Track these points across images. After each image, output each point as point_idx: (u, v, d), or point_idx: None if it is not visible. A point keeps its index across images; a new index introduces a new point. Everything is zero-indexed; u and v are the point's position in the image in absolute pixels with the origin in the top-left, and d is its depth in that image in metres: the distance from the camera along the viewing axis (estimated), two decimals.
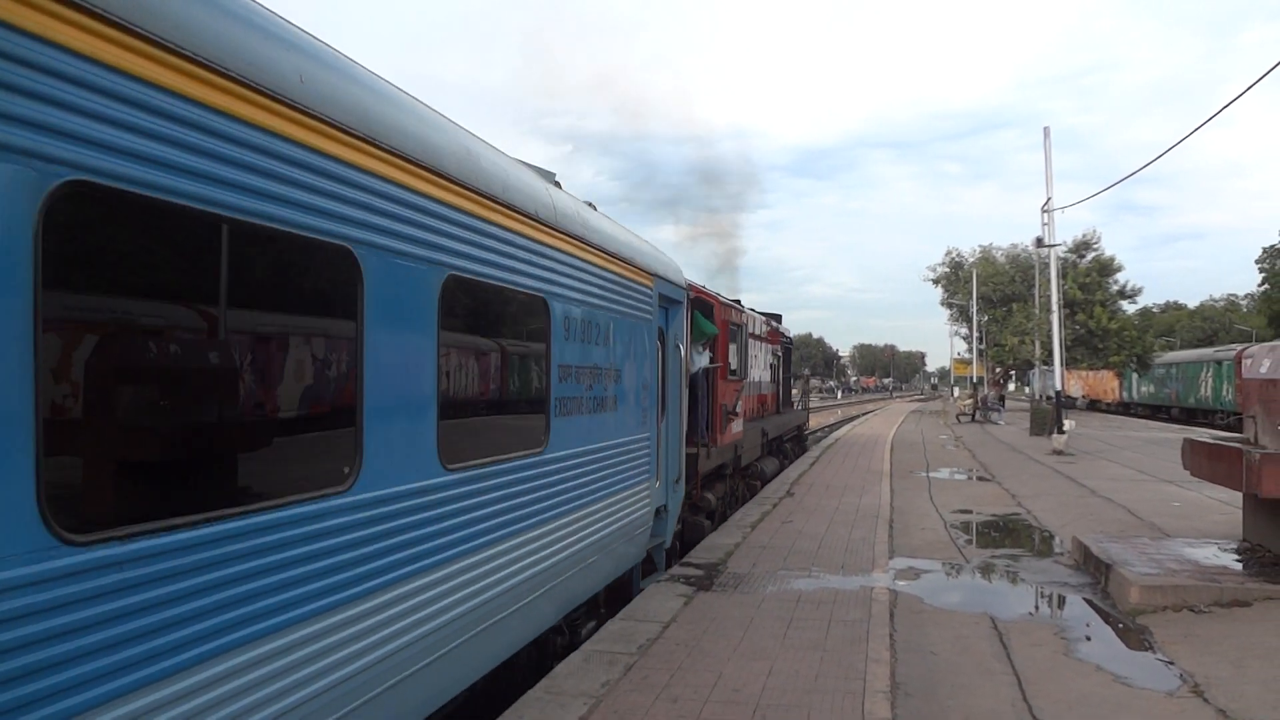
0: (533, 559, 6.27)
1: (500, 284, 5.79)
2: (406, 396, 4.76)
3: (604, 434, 7.99)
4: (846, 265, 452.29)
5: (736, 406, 15.77)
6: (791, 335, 26.75)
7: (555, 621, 7.13)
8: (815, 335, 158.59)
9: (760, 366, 19.99)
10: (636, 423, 9.01)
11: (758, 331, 19.46)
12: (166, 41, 3.10)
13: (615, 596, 9.00)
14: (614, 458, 8.26)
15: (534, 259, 6.30)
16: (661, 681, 6.58)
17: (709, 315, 13.96)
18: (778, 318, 23.77)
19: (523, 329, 6.41)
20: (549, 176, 7.62)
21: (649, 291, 9.40)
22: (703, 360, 13.36)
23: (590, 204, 8.61)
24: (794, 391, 27.02)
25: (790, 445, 26.30)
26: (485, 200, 5.53)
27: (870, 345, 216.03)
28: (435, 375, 5.00)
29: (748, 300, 20.76)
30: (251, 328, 3.74)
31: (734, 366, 15.86)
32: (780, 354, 23.64)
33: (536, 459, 6.37)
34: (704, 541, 12.22)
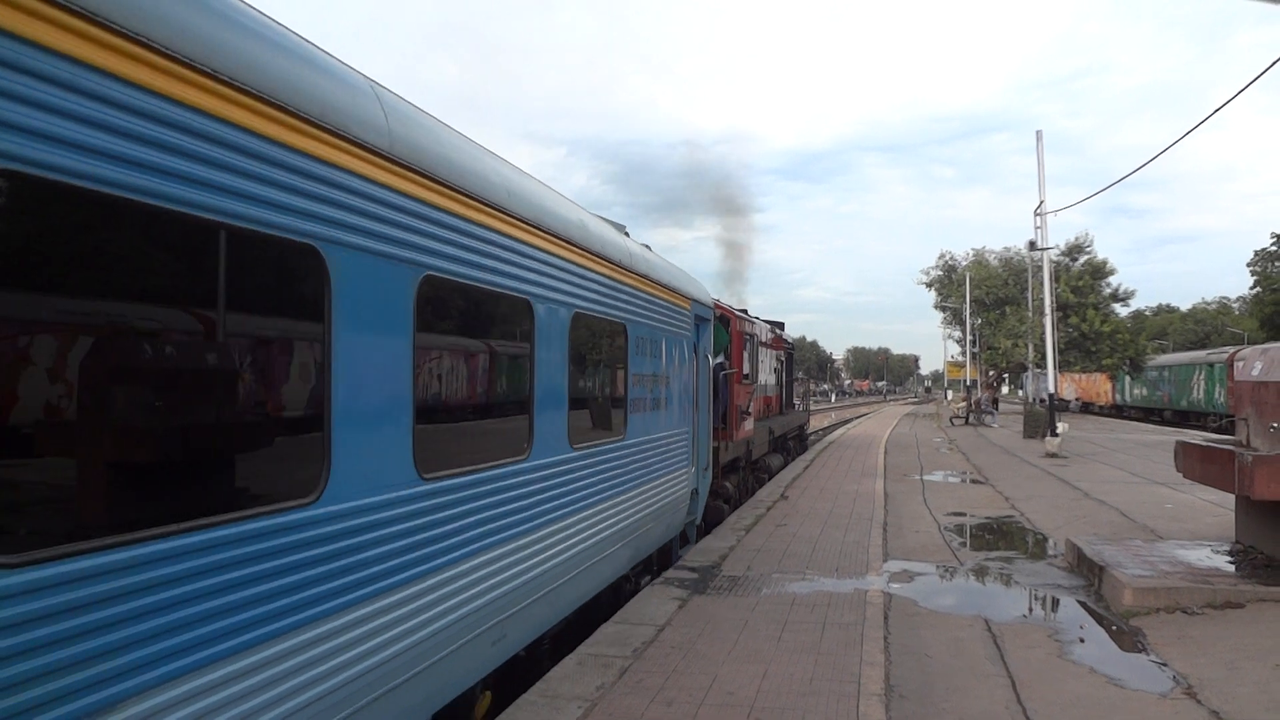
0: (614, 520, 8.29)
1: (600, 316, 7.89)
2: (555, 396, 6.66)
3: (659, 427, 9.99)
4: (840, 269, 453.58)
5: (748, 407, 17.60)
6: (792, 341, 28.23)
7: (627, 570, 9.29)
8: (809, 339, 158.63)
9: (767, 371, 21.46)
10: (679, 419, 10.96)
11: (764, 339, 20.84)
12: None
13: (615, 598, 9.20)
14: (665, 446, 10.24)
15: (617, 295, 8.39)
16: (656, 684, 6.58)
17: (726, 327, 15.87)
18: (780, 325, 25.12)
19: (605, 346, 8.30)
20: (620, 228, 9.92)
21: (687, 312, 11.40)
22: (720, 365, 14.81)
23: (646, 245, 10.71)
24: (796, 393, 28.52)
25: (793, 443, 27.97)
26: (598, 259, 7.78)
27: (864, 348, 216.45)
28: (566, 380, 6.95)
29: (740, 303, 21.16)
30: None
31: (746, 371, 17.49)
32: (783, 359, 24.93)
33: (619, 443, 8.48)
34: (699, 544, 12.23)
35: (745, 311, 19.59)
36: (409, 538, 4.68)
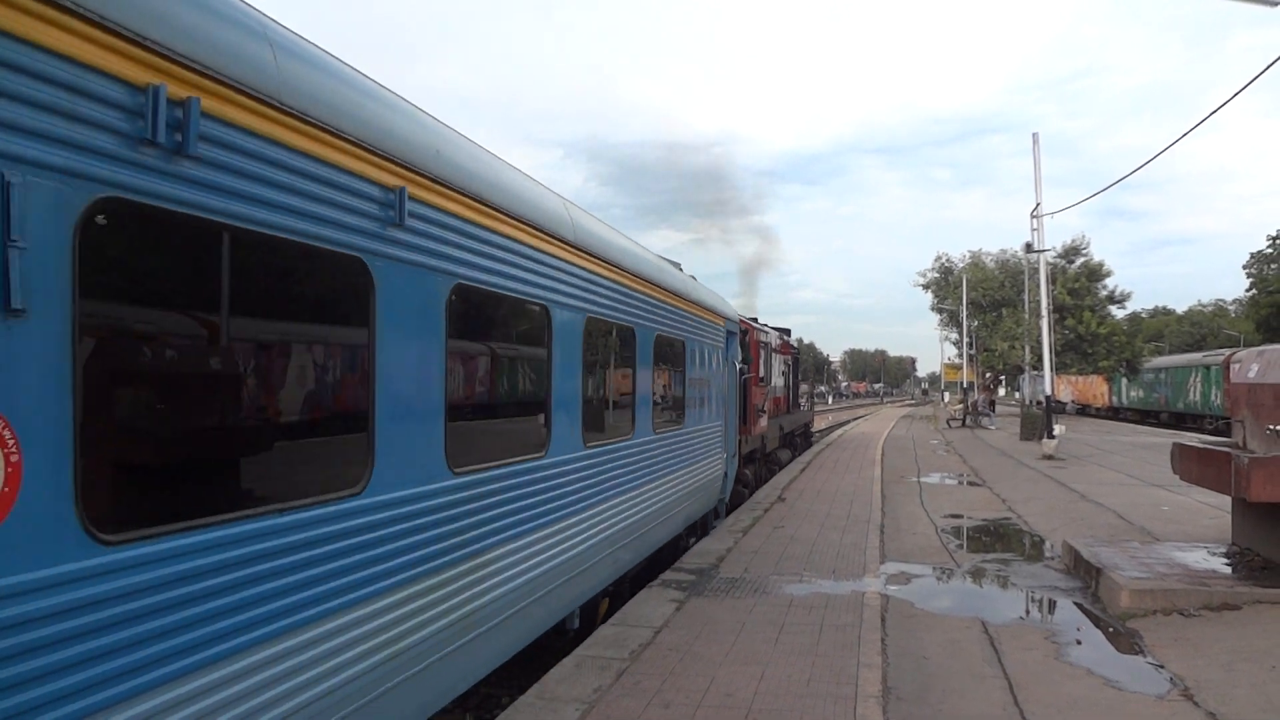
0: (682, 487, 11.33)
1: (670, 336, 10.80)
2: (645, 395, 9.67)
3: (706, 419, 12.97)
4: (837, 270, 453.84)
5: (763, 406, 20.36)
6: (797, 346, 30.65)
7: (682, 529, 12.03)
8: (806, 340, 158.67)
9: (777, 374, 23.90)
10: (717, 414, 13.91)
11: (774, 345, 23.35)
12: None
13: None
14: (709, 435, 13.24)
15: (682, 319, 11.44)
16: (654, 687, 6.58)
17: (744, 337, 17.86)
18: (787, 331, 27.45)
19: (669, 356, 10.98)
20: (676, 265, 12.52)
21: (722, 328, 14.40)
22: (741, 370, 16.92)
23: (693, 277, 13.48)
24: (801, 394, 31.27)
25: (799, 439, 30.64)
26: (670, 293, 10.75)
27: (861, 350, 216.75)
28: (650, 382, 9.84)
29: (738, 303, 21.84)
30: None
31: (762, 375, 20.24)
32: (789, 363, 27.29)
33: (681, 430, 11.36)
34: (696, 547, 12.23)
35: (756, 320, 21.84)
36: (639, 467, 9.31)
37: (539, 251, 6.56)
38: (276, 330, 3.99)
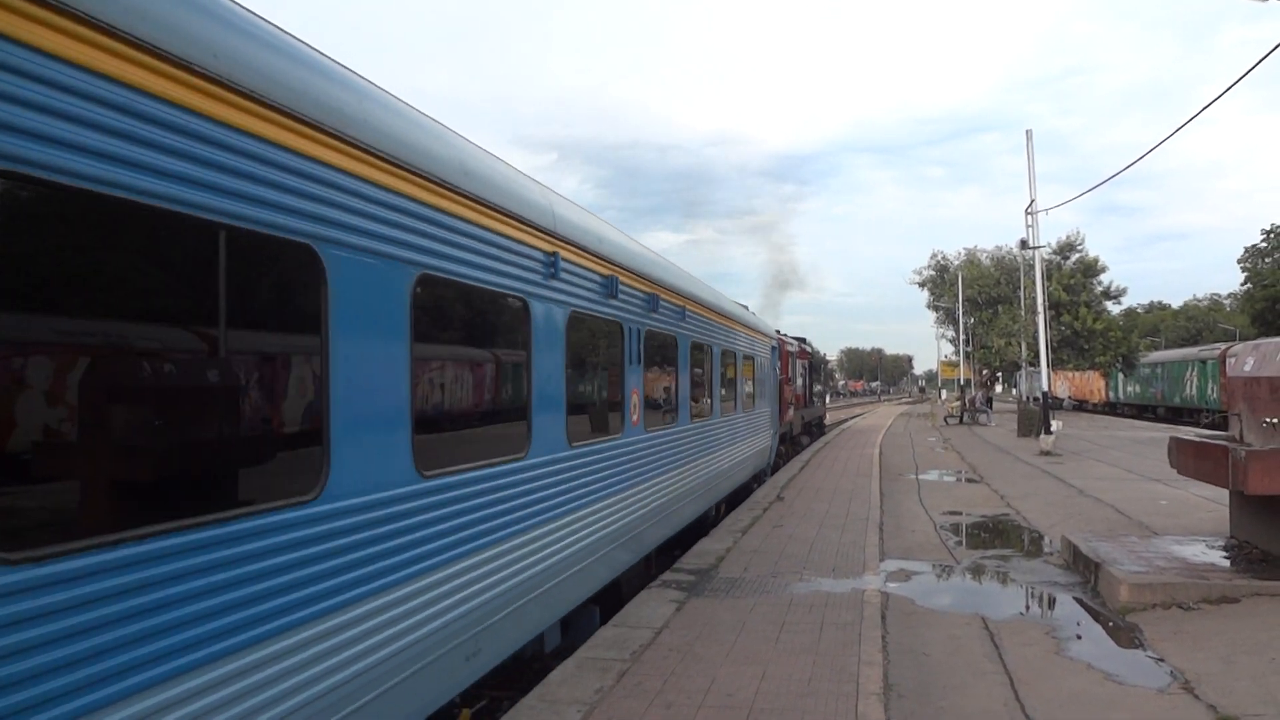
0: (751, 449, 17.28)
1: (737, 351, 15.49)
2: (733, 391, 15.45)
3: (762, 405, 19.19)
4: (833, 270, 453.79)
5: (791, 400, 27.60)
6: (811, 351, 37.44)
7: (749, 479, 17.75)
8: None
9: (798, 375, 30.47)
10: (768, 403, 20.46)
11: (795, 352, 29.59)
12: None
13: (609, 603, 9.19)
14: (764, 416, 19.45)
15: (755, 341, 17.87)
16: (655, 687, 6.58)
17: (777, 348, 23.63)
18: (804, 340, 34.01)
19: (738, 365, 15.40)
20: (744, 307, 18.31)
21: (769, 345, 20.78)
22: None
23: (745, 305, 19.70)
24: (814, 392, 38.08)
25: (815, 428, 38.06)
26: (738, 324, 15.88)
27: (858, 349, 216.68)
28: (739, 382, 15.82)
29: (776, 320, 25.18)
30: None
31: (789, 377, 27.23)
32: (807, 366, 33.90)
33: (747, 412, 16.64)
34: (695, 547, 12.23)
35: (779, 331, 27.25)
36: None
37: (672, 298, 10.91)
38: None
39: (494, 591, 5.67)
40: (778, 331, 26.09)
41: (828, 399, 53.59)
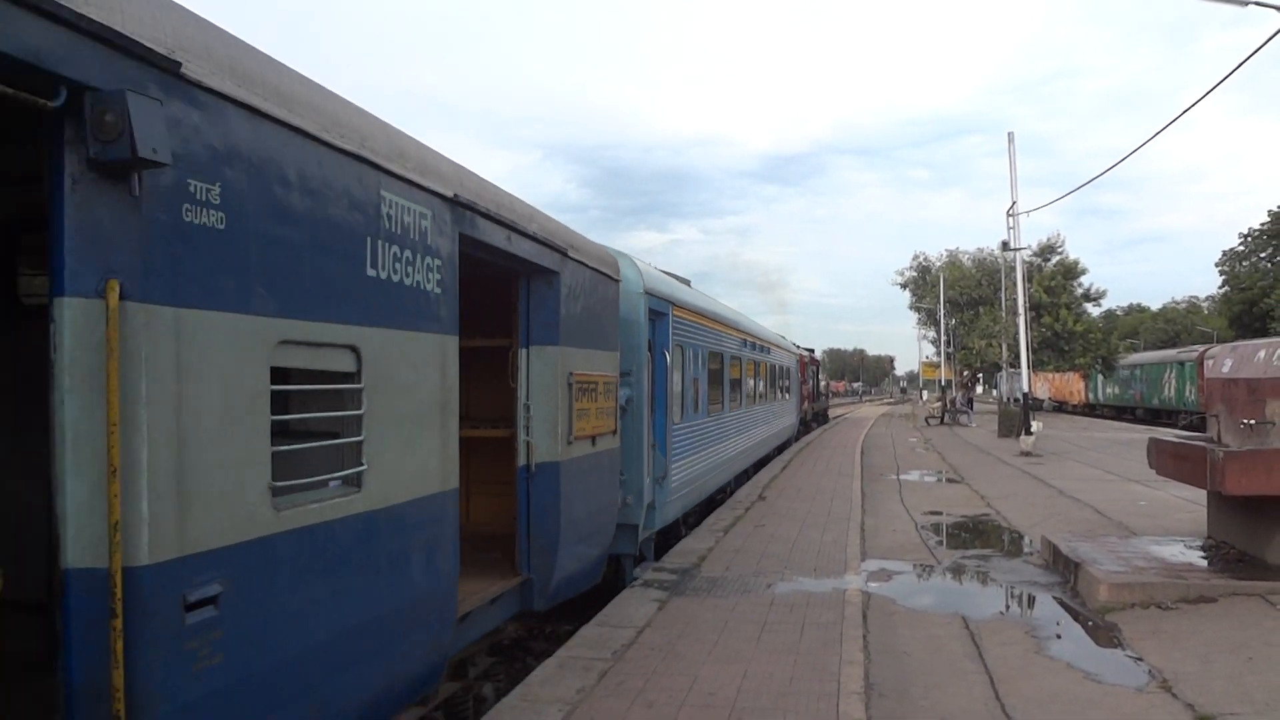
0: (783, 423, 28.84)
1: (778, 364, 26.63)
2: (777, 388, 27.58)
3: (792, 397, 31.72)
4: (815, 270, 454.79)
5: (805, 394, 38.63)
6: (818, 358, 53.78)
7: (781, 442, 29.44)
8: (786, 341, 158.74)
9: (810, 378, 43.12)
10: (793, 395, 32.49)
11: (808, 361, 41.61)
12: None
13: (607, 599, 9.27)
14: (791, 403, 31.56)
15: (787, 356, 30.09)
16: (637, 687, 6.56)
17: (798, 360, 34.85)
18: (811, 350, 46.48)
19: (779, 372, 26.66)
20: (781, 336, 32.41)
21: (792, 357, 32.38)
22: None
23: (782, 335, 33.76)
24: (818, 390, 50.65)
25: (821, 417, 50.32)
26: (779, 348, 27.92)
27: (840, 350, 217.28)
28: (794, 385, 32.77)
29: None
30: None
31: (805, 379, 38.38)
32: (814, 370, 47.20)
33: (784, 401, 28.79)
34: (677, 546, 12.23)
35: (798, 346, 38.31)
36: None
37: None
38: None
39: (737, 454, 18.15)
40: (796, 346, 37.74)
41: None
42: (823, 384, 58.52)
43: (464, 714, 6.50)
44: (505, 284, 7.33)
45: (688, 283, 15.66)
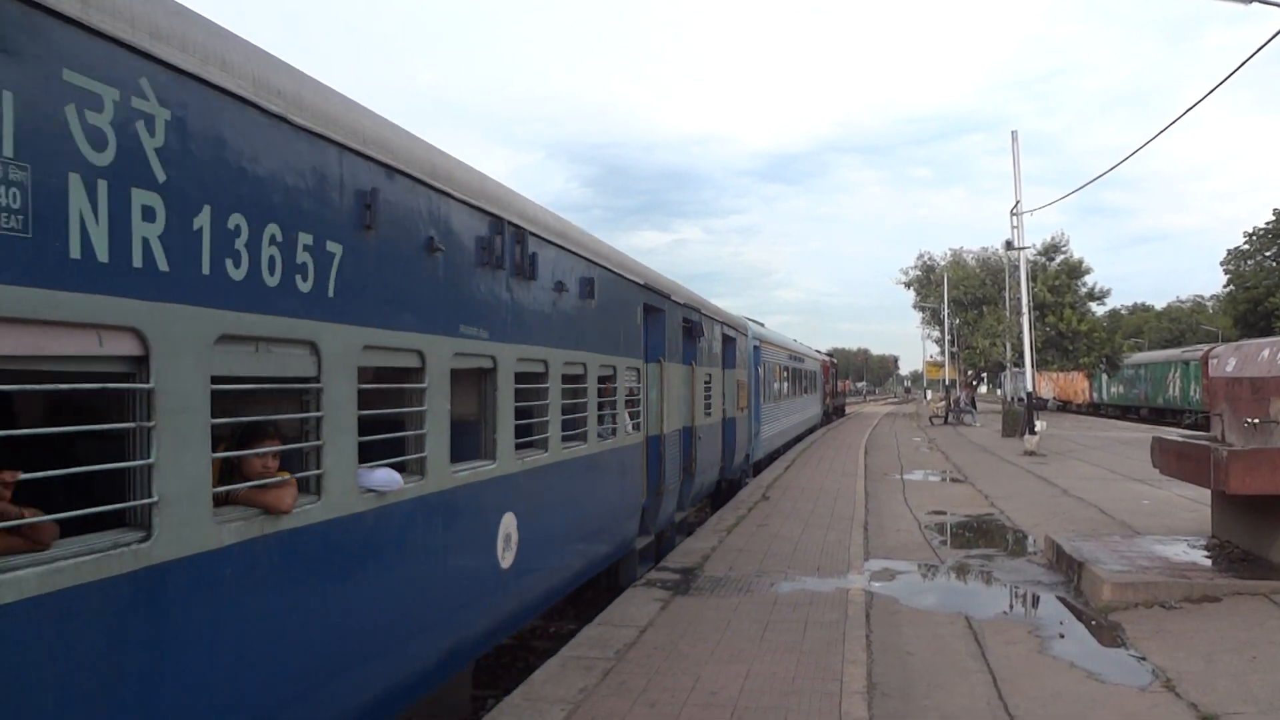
0: (809, 412, 39.02)
1: (802, 369, 34.66)
2: (804, 389, 37.33)
3: (814, 392, 41.37)
4: (819, 270, 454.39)
5: (826, 392, 49.25)
6: (835, 360, 61.75)
7: (804, 431, 36.92)
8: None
9: (830, 379, 50.69)
10: (819, 391, 44.34)
11: (828, 364, 49.18)
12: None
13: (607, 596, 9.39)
14: (814, 399, 42.29)
15: (814, 363, 41.92)
16: (639, 686, 6.57)
17: (820, 364, 44.88)
18: (830, 354, 56.59)
19: (808, 374, 37.19)
20: (816, 350, 47.10)
21: (817, 362, 43.81)
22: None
23: (816, 349, 48.66)
24: (837, 387, 59.42)
25: (838, 412, 57.73)
26: (810, 356, 40.62)
27: (844, 349, 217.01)
28: (819, 386, 44.87)
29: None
30: None
31: (827, 379, 49.19)
32: (833, 371, 54.86)
33: (813, 396, 40.75)
34: (680, 545, 12.24)
35: (818, 351, 47.45)
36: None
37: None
38: None
39: (789, 426, 30.06)
40: (818, 351, 47.37)
41: None
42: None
43: (466, 713, 6.51)
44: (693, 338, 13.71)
45: (761, 324, 25.23)
